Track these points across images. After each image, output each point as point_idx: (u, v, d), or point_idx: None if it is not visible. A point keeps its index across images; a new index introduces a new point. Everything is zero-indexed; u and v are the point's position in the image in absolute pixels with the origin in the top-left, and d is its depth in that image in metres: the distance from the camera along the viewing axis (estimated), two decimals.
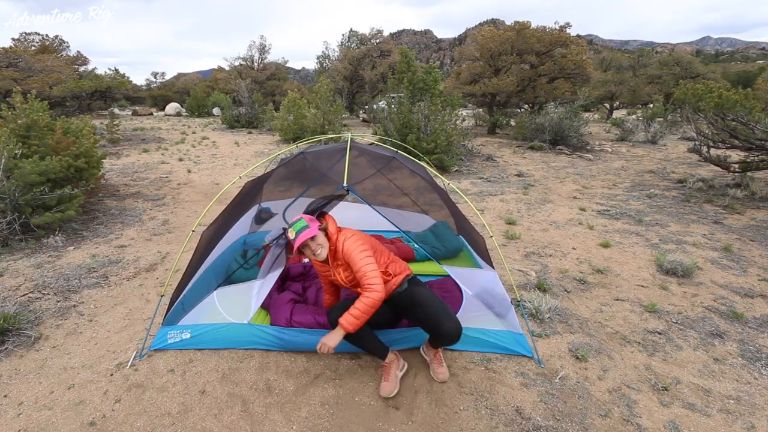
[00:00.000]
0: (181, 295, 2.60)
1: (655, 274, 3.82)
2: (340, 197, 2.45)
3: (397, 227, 2.60)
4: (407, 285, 2.42)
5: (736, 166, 7.08)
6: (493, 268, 2.65)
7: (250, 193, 2.91)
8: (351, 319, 2.12)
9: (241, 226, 3.09)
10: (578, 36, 22.21)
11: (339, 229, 2.35)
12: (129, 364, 2.45)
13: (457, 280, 2.78)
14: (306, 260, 3.54)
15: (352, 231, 2.32)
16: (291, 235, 2.20)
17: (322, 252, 2.25)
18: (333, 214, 2.50)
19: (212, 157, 10.08)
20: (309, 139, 4.35)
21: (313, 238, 2.22)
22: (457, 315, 2.79)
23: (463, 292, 2.89)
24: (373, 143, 3.09)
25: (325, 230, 2.30)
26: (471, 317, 2.74)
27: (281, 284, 3.09)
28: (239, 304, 2.78)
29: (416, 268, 3.51)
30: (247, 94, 17.87)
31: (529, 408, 2.17)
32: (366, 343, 2.37)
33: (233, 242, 3.19)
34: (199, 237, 2.80)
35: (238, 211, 2.92)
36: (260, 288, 2.74)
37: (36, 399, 2.19)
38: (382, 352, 2.39)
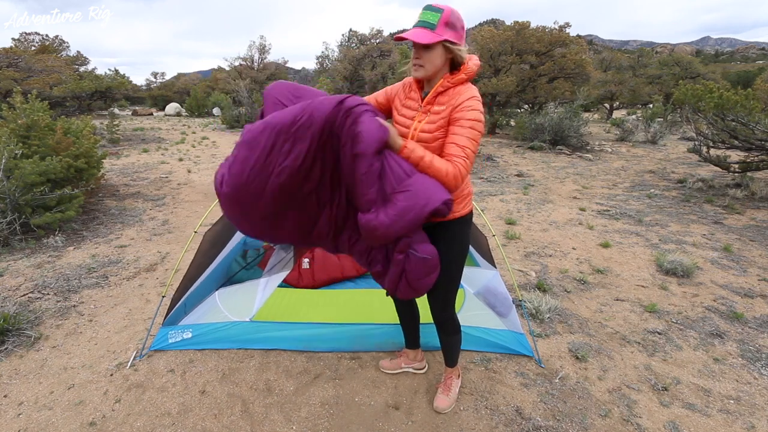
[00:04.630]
0: (184, 297, 2.61)
1: (655, 274, 3.82)
2: None
3: None
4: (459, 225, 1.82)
5: (736, 166, 7.09)
6: (494, 267, 2.65)
7: None
8: (419, 151, 1.57)
9: None
10: (578, 36, 22.19)
11: (470, 79, 1.66)
12: (129, 364, 2.45)
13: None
14: (306, 263, 3.53)
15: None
16: (418, 18, 1.60)
17: (421, 70, 1.63)
18: None
19: (212, 157, 10.07)
20: None
21: (427, 47, 1.58)
22: (458, 314, 2.80)
23: (465, 291, 2.90)
24: None
25: (453, 57, 1.62)
26: (472, 316, 2.75)
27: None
28: (241, 303, 2.79)
29: None
30: (247, 94, 17.86)
31: (529, 408, 2.17)
32: (406, 321, 2.31)
33: (235, 243, 3.19)
34: (201, 238, 2.80)
35: None
36: (265, 286, 2.75)
37: (36, 399, 2.19)
38: (411, 342, 2.38)
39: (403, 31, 1.63)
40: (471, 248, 2.65)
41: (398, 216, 1.49)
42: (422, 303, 2.29)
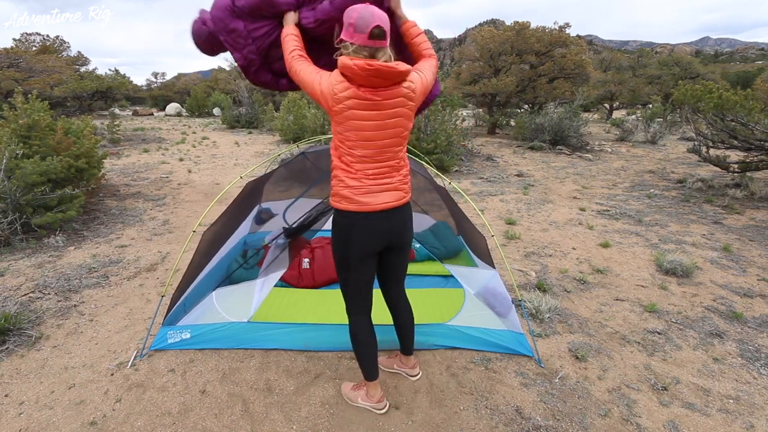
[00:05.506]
0: (183, 296, 2.61)
1: (654, 274, 3.83)
2: None
3: None
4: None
5: (736, 166, 7.09)
6: (493, 267, 2.65)
7: (252, 194, 2.92)
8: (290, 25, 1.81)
9: (243, 227, 3.10)
10: (578, 36, 22.17)
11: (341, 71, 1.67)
12: (129, 363, 2.46)
13: (459, 280, 2.79)
14: (306, 264, 3.54)
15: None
16: None
17: None
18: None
19: (212, 157, 10.08)
20: (309, 140, 4.36)
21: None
22: (458, 314, 2.81)
23: (465, 292, 2.90)
24: None
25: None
26: (472, 316, 2.75)
27: None
28: (239, 304, 2.80)
29: (417, 267, 3.52)
30: (247, 94, 17.87)
31: (529, 408, 2.18)
32: (396, 326, 2.24)
33: (234, 243, 3.20)
34: (200, 237, 2.81)
35: (241, 214, 2.92)
36: (262, 286, 2.75)
37: (37, 398, 2.20)
38: (402, 348, 2.30)
39: None
40: (467, 248, 2.65)
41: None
42: (416, 306, 2.28)
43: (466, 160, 9.39)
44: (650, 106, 20.80)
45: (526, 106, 16.59)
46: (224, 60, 36.45)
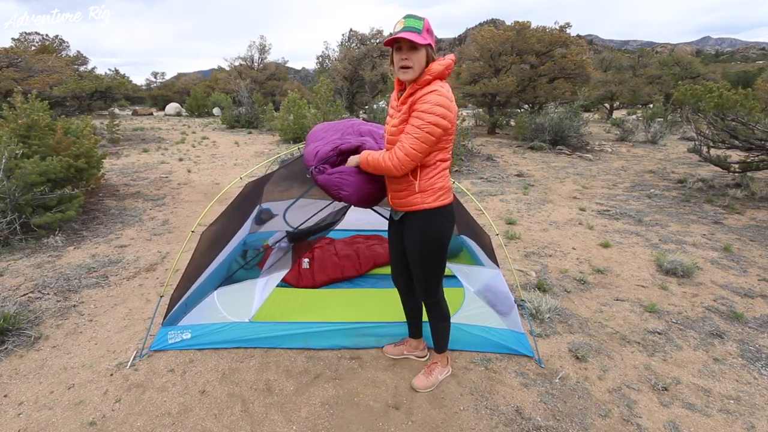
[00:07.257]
0: (185, 296, 2.61)
1: (655, 274, 3.82)
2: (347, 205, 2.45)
3: None
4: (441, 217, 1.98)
5: (736, 166, 7.08)
6: (497, 266, 2.65)
7: (252, 195, 2.91)
8: (364, 157, 1.94)
9: (244, 228, 3.10)
10: (578, 36, 22.16)
11: (440, 80, 1.82)
12: (129, 364, 2.45)
13: (459, 278, 2.79)
14: (306, 264, 3.53)
15: (448, 96, 1.80)
16: (399, 26, 1.74)
17: (409, 73, 1.77)
18: None
19: (212, 157, 10.08)
20: None
21: (415, 47, 1.72)
22: (458, 312, 2.81)
23: (466, 290, 2.89)
24: None
25: (429, 59, 1.78)
26: (472, 314, 2.75)
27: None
28: (240, 303, 2.79)
29: None
30: (247, 94, 17.86)
31: (529, 408, 2.18)
32: (408, 310, 2.44)
33: (236, 244, 3.20)
34: (199, 237, 2.80)
35: (241, 214, 2.92)
36: (263, 286, 2.75)
37: (36, 399, 2.19)
38: (413, 332, 2.49)
39: (389, 36, 1.79)
40: (474, 247, 2.65)
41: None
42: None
43: (466, 160, 9.38)
44: (651, 105, 20.80)
45: (526, 106, 16.59)
46: (223, 59, 36.45)
